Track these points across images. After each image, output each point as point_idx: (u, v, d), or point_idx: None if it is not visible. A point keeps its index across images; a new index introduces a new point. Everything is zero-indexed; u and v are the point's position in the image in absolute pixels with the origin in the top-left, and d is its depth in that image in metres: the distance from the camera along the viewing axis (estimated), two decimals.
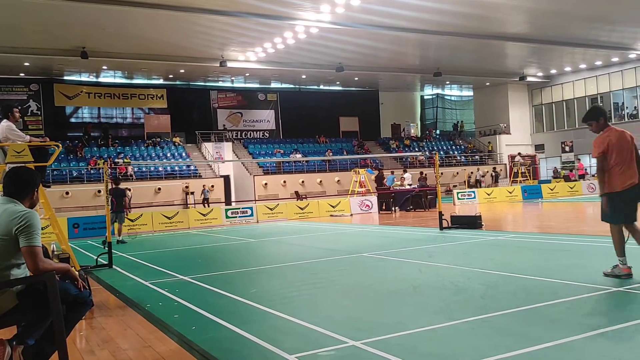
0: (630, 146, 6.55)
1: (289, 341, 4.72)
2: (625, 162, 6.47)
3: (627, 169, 6.46)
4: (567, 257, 8.62)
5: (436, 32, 26.66)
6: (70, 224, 19.15)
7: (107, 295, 7.85)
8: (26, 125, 31.98)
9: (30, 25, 22.99)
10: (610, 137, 6.53)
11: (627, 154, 6.49)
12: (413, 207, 23.75)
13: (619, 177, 6.45)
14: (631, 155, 6.50)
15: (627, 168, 6.47)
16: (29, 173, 4.17)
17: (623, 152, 6.48)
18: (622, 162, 6.46)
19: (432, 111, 51.44)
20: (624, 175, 6.44)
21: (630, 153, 6.51)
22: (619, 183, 6.45)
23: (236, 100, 40.32)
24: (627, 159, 6.48)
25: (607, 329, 4.48)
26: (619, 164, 6.46)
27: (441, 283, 6.89)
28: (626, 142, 6.55)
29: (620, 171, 6.45)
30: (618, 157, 6.46)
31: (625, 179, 6.44)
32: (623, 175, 6.45)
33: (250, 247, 13.55)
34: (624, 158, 6.47)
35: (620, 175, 6.45)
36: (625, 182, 6.43)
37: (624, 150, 6.49)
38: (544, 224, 15.43)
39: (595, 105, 7.18)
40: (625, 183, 6.43)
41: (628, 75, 37.71)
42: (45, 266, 3.69)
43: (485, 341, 4.43)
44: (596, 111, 6.80)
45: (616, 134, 6.59)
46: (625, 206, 6.46)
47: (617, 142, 6.51)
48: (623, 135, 6.59)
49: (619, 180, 6.45)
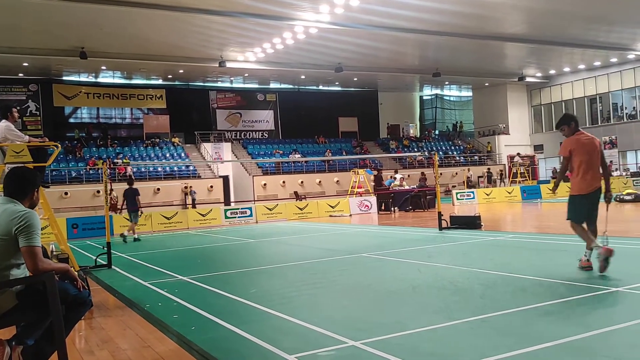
0: (597, 152, 6.95)
1: (288, 341, 4.72)
2: (591, 167, 6.88)
3: (593, 174, 6.89)
4: (565, 257, 8.62)
5: (435, 32, 26.68)
6: (69, 224, 19.14)
7: (106, 296, 7.85)
8: (25, 125, 31.95)
9: (29, 26, 22.98)
10: (580, 140, 6.94)
11: (593, 159, 6.89)
12: (412, 207, 23.76)
13: (586, 181, 6.88)
14: (597, 161, 6.91)
15: (593, 173, 6.89)
16: (29, 173, 4.16)
17: (590, 157, 6.88)
18: (588, 166, 6.86)
19: (431, 111, 51.47)
20: (590, 180, 6.87)
21: (597, 159, 6.91)
22: (585, 187, 6.88)
23: (235, 101, 40.31)
24: (593, 164, 6.89)
25: (607, 328, 4.48)
26: (584, 168, 6.87)
27: (440, 283, 6.89)
28: (593, 148, 6.94)
29: (586, 175, 6.87)
30: (584, 161, 6.87)
31: (591, 183, 6.87)
32: (589, 179, 6.87)
33: (250, 247, 13.55)
34: (590, 163, 6.87)
35: (586, 179, 6.87)
36: (591, 186, 6.87)
37: (590, 155, 6.89)
38: (542, 224, 15.44)
39: (567, 112, 7.65)
40: (590, 187, 6.87)
41: (627, 75, 37.75)
42: (44, 266, 3.69)
43: (484, 341, 4.43)
44: (568, 117, 7.25)
45: (585, 139, 6.99)
46: (587, 208, 6.94)
47: (584, 147, 6.91)
48: (592, 142, 6.99)
49: (585, 184, 6.88)
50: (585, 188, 6.89)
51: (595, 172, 6.93)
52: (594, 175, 6.91)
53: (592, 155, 6.93)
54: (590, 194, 6.90)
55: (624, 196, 20.37)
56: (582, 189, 6.93)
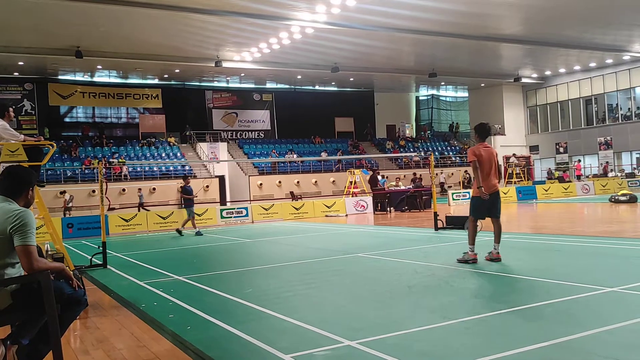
0: (494, 161, 8.32)
1: (284, 341, 4.72)
2: (488, 173, 8.18)
3: (490, 179, 8.17)
4: (560, 258, 8.66)
5: (431, 32, 26.72)
6: (64, 223, 19.08)
7: (101, 295, 7.83)
8: (20, 124, 31.87)
9: (24, 24, 22.90)
10: (484, 151, 8.23)
11: (490, 166, 8.21)
12: (408, 207, 23.79)
13: (486, 184, 8.13)
14: (493, 169, 8.24)
15: (490, 178, 8.18)
16: (24, 172, 4.15)
17: (489, 165, 8.20)
18: (487, 172, 8.17)
19: (427, 112, 51.52)
20: (489, 183, 8.15)
21: (493, 166, 8.25)
22: (484, 188, 8.10)
23: (231, 101, 40.28)
24: (489, 171, 8.19)
25: (602, 328, 4.50)
26: (486, 174, 8.17)
27: (436, 283, 6.90)
28: (492, 157, 8.28)
29: (486, 179, 8.14)
30: (485, 168, 8.18)
31: (490, 186, 8.15)
32: (488, 182, 8.14)
33: (246, 247, 13.54)
34: (487, 169, 8.18)
35: (486, 182, 8.13)
36: (490, 189, 8.14)
37: (491, 163, 8.22)
38: (538, 224, 15.49)
39: (486, 125, 8.76)
40: (489, 189, 8.13)
41: (622, 76, 37.88)
42: (39, 265, 3.68)
43: (480, 341, 4.44)
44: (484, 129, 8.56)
45: (487, 149, 8.31)
46: (486, 206, 8.19)
47: (485, 156, 8.20)
48: (491, 151, 8.36)
49: (486, 186, 8.12)
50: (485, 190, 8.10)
51: (491, 178, 8.19)
52: (491, 180, 8.17)
53: (490, 163, 8.21)
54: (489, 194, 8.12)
55: (619, 197, 20.43)
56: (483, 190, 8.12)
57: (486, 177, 8.16)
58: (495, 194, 8.23)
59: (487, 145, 8.43)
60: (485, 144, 8.41)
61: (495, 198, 8.23)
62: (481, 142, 8.45)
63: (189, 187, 17.35)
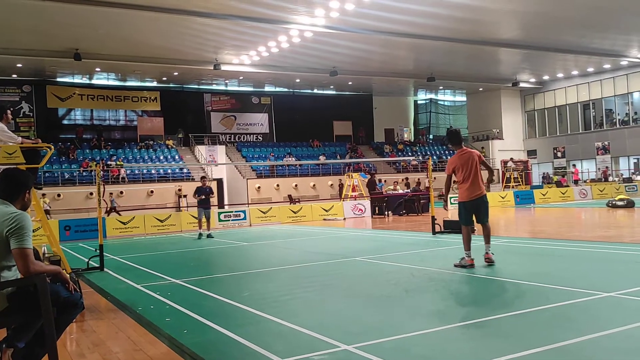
0: (475, 165, 8.13)
1: (281, 344, 4.71)
2: (467, 179, 8.09)
3: (472, 184, 8.08)
4: (558, 262, 8.66)
5: (430, 37, 26.77)
6: (61, 226, 19.02)
7: (98, 298, 7.80)
8: (18, 126, 31.81)
9: (23, 26, 22.89)
10: (459, 158, 8.20)
11: (470, 172, 8.08)
12: (406, 211, 23.79)
13: (467, 190, 8.11)
14: (476, 173, 8.10)
15: (472, 183, 8.08)
16: (21, 174, 4.14)
17: (468, 171, 8.08)
18: (467, 178, 8.08)
19: (426, 116, 51.59)
20: (471, 189, 8.08)
21: (476, 171, 8.12)
22: (467, 195, 8.12)
23: (230, 104, 40.28)
24: (469, 176, 8.08)
25: (600, 333, 4.49)
26: (465, 180, 8.11)
27: (434, 287, 6.90)
28: (472, 162, 8.13)
29: (467, 186, 8.10)
30: (465, 175, 8.10)
31: (472, 192, 8.09)
32: (470, 189, 8.08)
33: (243, 250, 13.52)
34: (469, 175, 8.08)
35: (467, 189, 8.10)
36: (472, 194, 8.09)
37: (470, 169, 8.09)
38: (535, 229, 15.49)
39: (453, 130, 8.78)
40: (471, 195, 8.09)
41: (620, 82, 37.98)
42: (36, 268, 3.66)
43: (477, 345, 4.44)
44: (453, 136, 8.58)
45: (464, 155, 8.21)
46: (471, 212, 8.19)
47: (463, 162, 8.13)
48: (470, 156, 8.20)
49: (467, 193, 8.11)
50: (468, 196, 8.12)
51: (474, 183, 8.09)
52: (473, 185, 8.09)
53: (471, 168, 8.10)
54: (472, 200, 8.11)
55: (617, 202, 20.44)
56: (466, 197, 8.15)
57: (467, 184, 8.09)
58: (479, 198, 8.13)
59: (464, 150, 8.32)
60: (462, 150, 8.30)
61: (479, 203, 8.14)
62: (458, 148, 8.36)
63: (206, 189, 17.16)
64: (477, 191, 8.11)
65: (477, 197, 8.10)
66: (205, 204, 17.01)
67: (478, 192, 8.11)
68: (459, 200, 8.28)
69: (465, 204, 8.19)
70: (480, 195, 8.12)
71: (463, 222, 8.28)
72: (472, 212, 8.19)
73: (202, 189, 17.05)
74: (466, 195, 8.12)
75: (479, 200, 8.13)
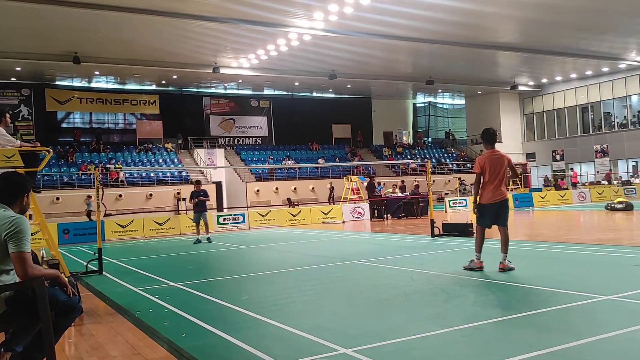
0: (503, 169, 8.03)
1: (279, 348, 4.70)
2: (493, 182, 7.98)
3: (495, 188, 7.98)
4: (556, 265, 8.66)
5: (429, 40, 26.83)
6: (60, 229, 19.01)
7: (96, 302, 7.79)
8: (17, 130, 31.79)
9: (22, 30, 22.91)
10: (489, 158, 8.06)
11: (497, 175, 7.98)
12: (405, 214, 23.79)
13: (491, 192, 8.00)
14: (502, 176, 8.00)
15: (495, 187, 7.99)
16: (19, 178, 4.13)
17: (496, 173, 7.98)
18: (494, 180, 7.98)
19: (425, 119, 51.66)
20: (495, 192, 7.98)
21: (503, 174, 8.01)
22: (490, 197, 8.01)
23: (229, 107, 40.30)
24: (495, 179, 7.98)
25: (598, 337, 4.49)
26: (491, 182, 8.00)
27: (433, 290, 6.89)
28: (501, 165, 8.02)
29: (492, 188, 7.99)
30: (491, 176, 7.99)
31: (495, 195, 7.98)
32: (494, 191, 7.98)
33: (242, 253, 13.51)
34: (496, 177, 7.98)
35: (491, 191, 8.00)
36: (494, 198, 7.98)
37: (498, 171, 7.98)
38: (534, 232, 15.50)
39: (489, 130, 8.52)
40: (494, 198, 7.99)
41: (618, 85, 38.06)
42: (34, 272, 3.66)
43: (476, 348, 4.44)
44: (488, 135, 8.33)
45: (495, 157, 8.09)
46: (490, 215, 8.07)
47: (492, 164, 8.01)
48: (500, 158, 8.08)
49: (490, 195, 8.00)
50: (491, 198, 8.01)
51: (499, 186, 8.00)
52: (498, 188, 7.99)
53: (499, 171, 7.99)
54: (494, 203, 7.99)
55: (615, 205, 20.46)
56: (489, 199, 8.03)
57: (491, 186, 7.97)
58: (501, 202, 8.03)
59: (496, 152, 8.17)
60: (494, 151, 8.16)
61: (500, 206, 8.04)
62: (490, 149, 8.21)
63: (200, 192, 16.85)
64: (500, 195, 8.01)
65: (499, 200, 8.01)
66: (200, 207, 16.83)
67: (501, 196, 8.01)
68: (480, 202, 8.13)
69: (486, 205, 8.07)
70: (502, 199, 8.03)
71: (480, 223, 8.20)
72: (490, 215, 8.08)
73: (196, 192, 16.91)
74: (489, 197, 8.02)
75: (500, 203, 8.03)
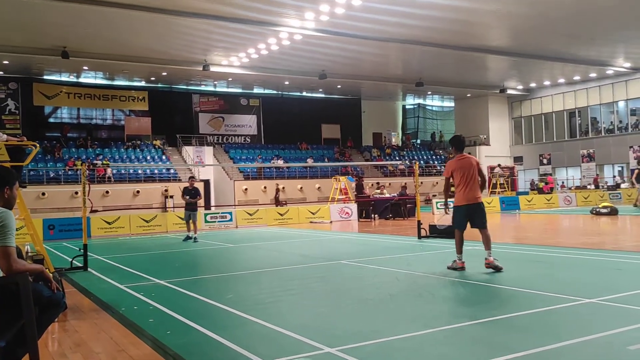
0: (473, 171, 8.20)
1: (264, 347, 4.71)
2: (465, 185, 8.14)
3: (467, 190, 8.13)
4: (541, 268, 8.74)
5: (419, 42, 26.93)
6: (45, 225, 18.84)
7: (81, 298, 7.75)
8: (3, 124, 31.48)
9: (10, 23, 22.66)
10: (458, 162, 8.26)
11: (467, 178, 8.14)
12: (392, 215, 23.88)
13: (463, 195, 8.16)
14: (473, 179, 8.15)
15: (469, 188, 8.13)
16: (3, 170, 4.10)
17: (466, 176, 8.14)
18: (465, 183, 8.14)
19: (414, 121, 51.81)
20: (467, 194, 8.12)
21: (473, 177, 8.16)
22: (462, 199, 8.18)
23: (218, 105, 40.14)
24: (469, 181, 8.14)
25: (579, 339, 4.55)
26: (462, 185, 8.16)
27: (418, 291, 6.93)
28: (469, 168, 8.18)
29: (464, 190, 8.15)
30: (462, 179, 8.15)
31: (468, 197, 8.12)
32: (466, 194, 8.13)
33: (229, 252, 13.49)
34: (466, 180, 8.14)
35: (463, 193, 8.15)
36: (468, 200, 8.12)
37: (467, 174, 8.14)
38: (520, 234, 15.63)
39: (459, 137, 8.84)
40: (467, 201, 8.13)
41: (605, 90, 38.44)
42: (18, 267, 3.64)
43: (459, 350, 4.47)
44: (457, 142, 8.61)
45: (463, 160, 8.27)
46: (466, 217, 8.22)
47: (461, 168, 8.19)
48: (469, 162, 8.26)
49: (462, 197, 8.17)
50: (464, 201, 8.16)
51: (472, 188, 8.14)
52: (471, 190, 8.13)
53: (469, 174, 8.15)
54: (468, 205, 8.15)
55: (600, 209, 20.67)
56: (462, 201, 8.20)
57: (464, 189, 8.15)
58: (476, 205, 8.17)
59: (464, 156, 8.40)
60: (462, 155, 8.39)
61: (475, 209, 8.18)
62: (459, 154, 8.45)
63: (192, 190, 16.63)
64: (474, 197, 8.15)
65: (473, 202, 8.15)
66: (191, 206, 16.58)
67: (474, 198, 8.15)
68: (455, 204, 8.32)
69: (460, 208, 8.24)
70: (476, 201, 8.18)
71: (456, 226, 8.36)
72: (467, 217, 8.23)
73: (188, 190, 16.72)
74: (462, 200, 8.18)
75: (475, 205, 8.18)
